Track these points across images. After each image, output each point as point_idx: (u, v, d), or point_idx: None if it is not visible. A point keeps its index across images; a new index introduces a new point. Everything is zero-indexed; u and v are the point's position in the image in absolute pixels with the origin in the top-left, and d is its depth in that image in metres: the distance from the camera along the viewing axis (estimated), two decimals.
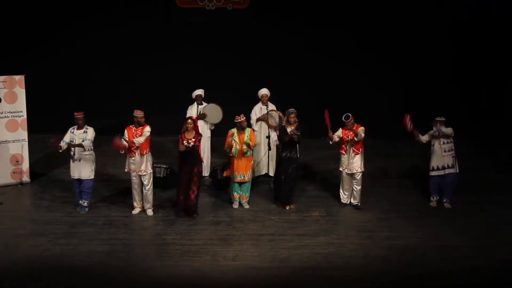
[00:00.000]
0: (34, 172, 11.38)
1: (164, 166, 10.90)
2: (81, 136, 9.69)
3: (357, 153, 10.01)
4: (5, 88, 10.98)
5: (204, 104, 11.33)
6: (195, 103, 11.36)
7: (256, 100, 11.47)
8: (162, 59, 14.09)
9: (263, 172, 11.38)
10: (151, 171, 9.82)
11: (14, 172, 11.11)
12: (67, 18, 13.90)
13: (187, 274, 8.02)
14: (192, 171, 9.54)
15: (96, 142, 12.99)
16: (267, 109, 11.24)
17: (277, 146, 10.71)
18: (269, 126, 11.20)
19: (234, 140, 9.94)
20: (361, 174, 10.06)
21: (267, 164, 11.31)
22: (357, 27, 14.02)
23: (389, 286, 8.00)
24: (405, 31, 13.91)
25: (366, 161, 10.22)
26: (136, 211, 9.88)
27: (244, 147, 9.91)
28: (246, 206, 10.23)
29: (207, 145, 11.53)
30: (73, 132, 9.72)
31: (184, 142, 9.47)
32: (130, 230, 9.31)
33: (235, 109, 12.34)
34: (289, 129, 9.97)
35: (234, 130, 10.02)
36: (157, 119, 13.68)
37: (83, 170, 9.70)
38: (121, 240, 8.98)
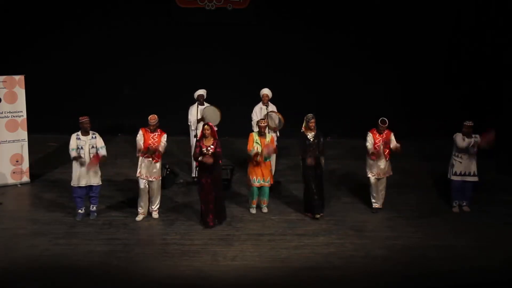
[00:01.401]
0: (34, 173, 11.39)
1: (164, 166, 10.89)
2: (91, 142, 9.43)
3: (388, 158, 9.93)
4: (5, 88, 10.98)
5: (206, 104, 11.31)
6: (196, 103, 11.34)
7: (256, 100, 11.46)
8: (162, 59, 14.09)
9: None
10: (160, 177, 9.69)
11: (14, 172, 11.11)
12: (66, 18, 13.90)
13: (187, 274, 8.03)
14: (215, 178, 9.35)
15: None
16: (267, 109, 11.23)
17: (303, 159, 9.92)
18: (269, 128, 11.19)
19: (257, 142, 9.75)
20: (387, 179, 10.06)
21: None
22: (357, 27, 14.02)
23: (389, 286, 8.00)
24: (405, 31, 13.91)
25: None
26: (139, 217, 9.62)
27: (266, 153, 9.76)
28: (265, 210, 10.03)
29: None
30: (79, 139, 9.41)
31: (204, 149, 9.24)
32: (130, 230, 9.31)
33: (235, 109, 12.40)
34: (309, 135, 9.75)
35: (255, 134, 9.88)
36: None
37: (92, 176, 9.48)
38: (121, 240, 8.98)
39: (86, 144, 9.41)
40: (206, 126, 9.38)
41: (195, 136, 11.15)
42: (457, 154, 9.94)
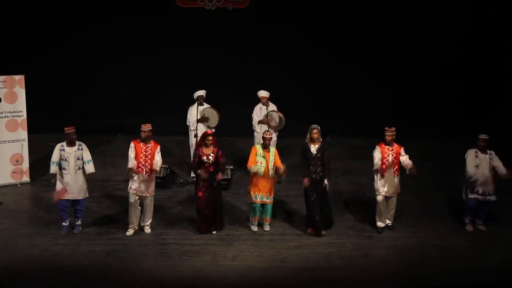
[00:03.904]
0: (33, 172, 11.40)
1: (164, 166, 10.86)
2: (77, 154, 8.97)
3: (398, 174, 9.28)
4: (5, 88, 10.97)
5: (205, 105, 11.31)
6: (196, 103, 11.35)
7: (257, 100, 11.47)
8: (162, 58, 14.08)
9: None
10: (154, 192, 9.30)
11: (14, 172, 11.11)
12: (66, 18, 13.89)
13: (187, 274, 8.03)
14: (214, 190, 9.12)
15: (95, 143, 13.04)
16: (267, 109, 11.24)
17: (300, 167, 9.37)
18: (269, 127, 11.20)
19: (263, 157, 9.16)
20: (396, 196, 9.42)
21: None
22: (357, 27, 14.01)
23: (389, 286, 8.00)
24: (405, 31, 13.90)
25: (367, 160, 9.92)
26: (130, 232, 9.17)
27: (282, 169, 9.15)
28: (267, 228, 9.39)
29: None
30: (63, 150, 8.98)
31: (204, 158, 9.02)
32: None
33: (235, 108, 12.39)
34: (312, 148, 9.11)
35: (259, 147, 9.30)
36: (157, 119, 13.74)
37: (79, 189, 9.05)
38: (121, 240, 8.98)
39: (71, 156, 8.97)
40: (210, 137, 9.13)
41: (195, 136, 11.16)
42: (474, 170, 9.22)
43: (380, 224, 9.41)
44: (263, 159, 9.17)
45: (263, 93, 11.34)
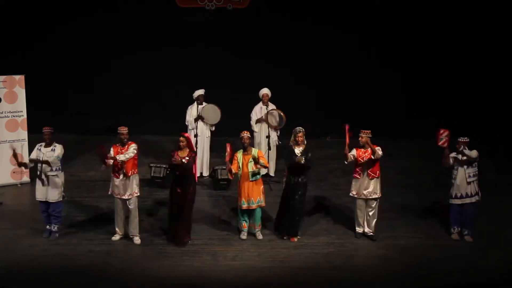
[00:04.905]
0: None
1: (164, 166, 10.89)
2: (49, 154, 8.84)
3: (373, 177, 8.99)
4: (5, 88, 10.98)
5: (204, 104, 11.32)
6: (195, 103, 11.35)
7: (256, 100, 11.48)
8: (162, 58, 14.09)
9: (263, 172, 11.35)
10: (138, 193, 8.93)
11: (14, 172, 11.11)
12: (67, 18, 13.89)
13: (187, 274, 8.03)
14: (186, 191, 8.73)
15: (95, 143, 13.03)
16: (267, 109, 11.24)
17: (287, 171, 9.13)
18: (269, 126, 11.20)
19: (238, 162, 8.92)
20: (376, 201, 9.10)
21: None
22: (357, 27, 14.01)
23: (388, 286, 8.00)
24: (405, 31, 13.91)
25: None
26: (116, 237, 8.96)
27: (252, 168, 8.85)
28: (260, 237, 9.07)
29: (207, 145, 11.54)
30: (39, 150, 8.93)
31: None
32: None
33: (235, 108, 12.39)
34: (297, 150, 8.91)
35: (239, 153, 8.99)
36: (156, 118, 13.79)
37: (50, 192, 8.86)
38: (121, 240, 8.98)
39: (44, 157, 8.84)
40: (181, 138, 8.76)
41: (195, 135, 11.17)
42: (453, 176, 9.06)
43: (358, 229, 9.25)
44: (239, 166, 8.94)
45: (265, 90, 11.33)
